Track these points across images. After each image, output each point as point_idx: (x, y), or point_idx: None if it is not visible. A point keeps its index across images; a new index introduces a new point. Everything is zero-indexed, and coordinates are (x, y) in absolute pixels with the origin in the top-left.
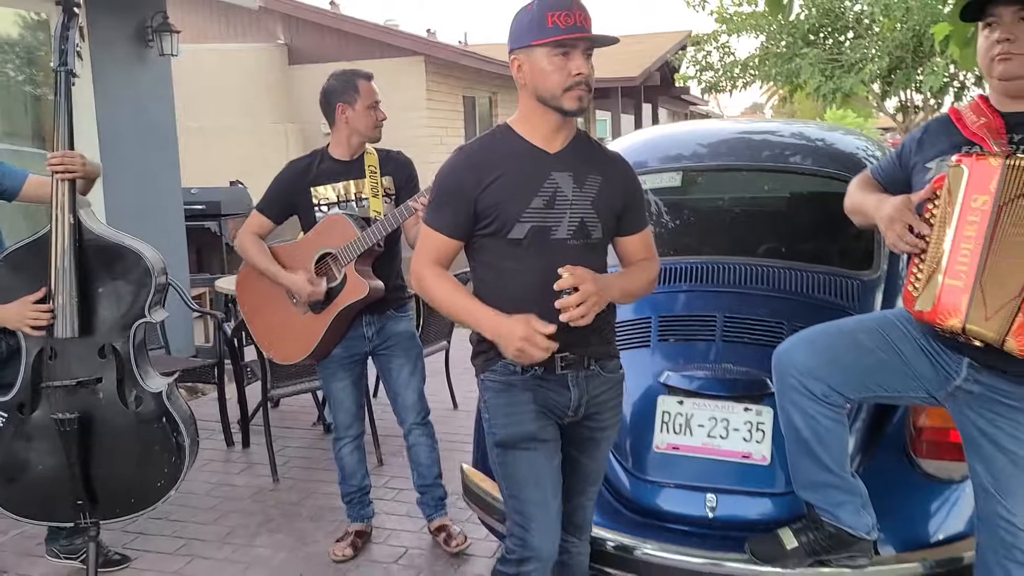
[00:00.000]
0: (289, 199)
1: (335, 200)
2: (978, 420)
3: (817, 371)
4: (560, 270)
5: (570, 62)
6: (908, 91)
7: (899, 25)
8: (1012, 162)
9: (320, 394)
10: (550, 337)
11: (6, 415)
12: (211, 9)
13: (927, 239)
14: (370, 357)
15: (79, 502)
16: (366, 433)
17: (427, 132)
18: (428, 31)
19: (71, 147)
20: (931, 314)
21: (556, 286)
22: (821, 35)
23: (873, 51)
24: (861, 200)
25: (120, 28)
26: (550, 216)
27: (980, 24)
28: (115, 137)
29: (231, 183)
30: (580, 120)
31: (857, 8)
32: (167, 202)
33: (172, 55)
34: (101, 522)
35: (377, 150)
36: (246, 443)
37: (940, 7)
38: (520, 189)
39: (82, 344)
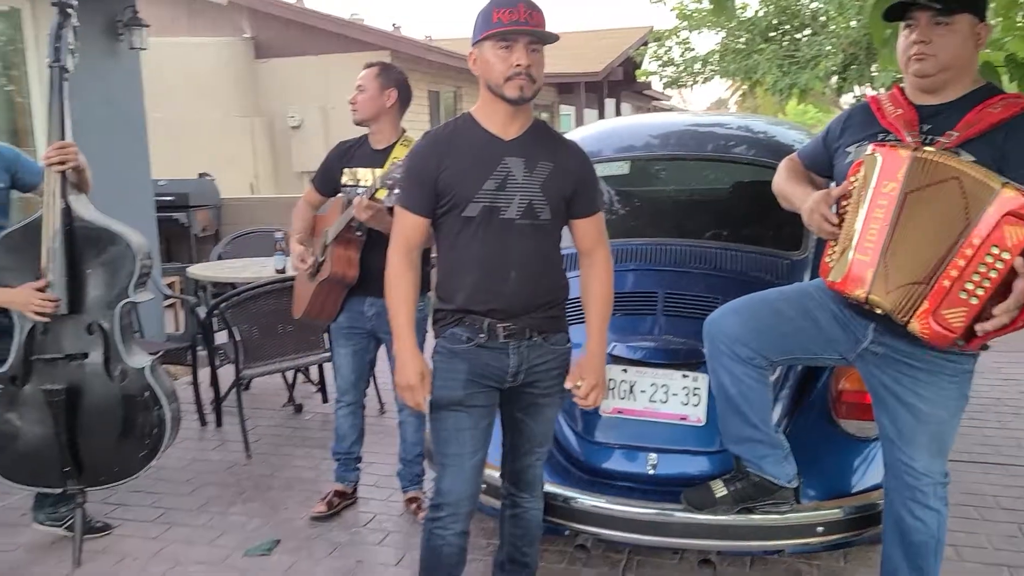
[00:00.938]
0: (331, 175)
1: (352, 184)
2: (883, 378)
3: (743, 337)
4: (567, 383)
5: (512, 54)
6: (862, 86)
7: (853, 23)
8: (919, 155)
9: (290, 376)
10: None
11: (0, 387)
12: (177, 3)
13: (840, 226)
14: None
15: (66, 469)
16: None
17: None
18: (394, 26)
19: (63, 139)
20: (841, 284)
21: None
22: (779, 32)
23: (828, 47)
24: (790, 190)
25: (91, 22)
26: (500, 197)
27: (902, 24)
28: (86, 129)
29: (199, 175)
30: (546, 115)
31: (813, 6)
32: (137, 193)
33: (141, 48)
34: (87, 489)
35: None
36: (219, 422)
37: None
38: (474, 172)
39: (71, 321)
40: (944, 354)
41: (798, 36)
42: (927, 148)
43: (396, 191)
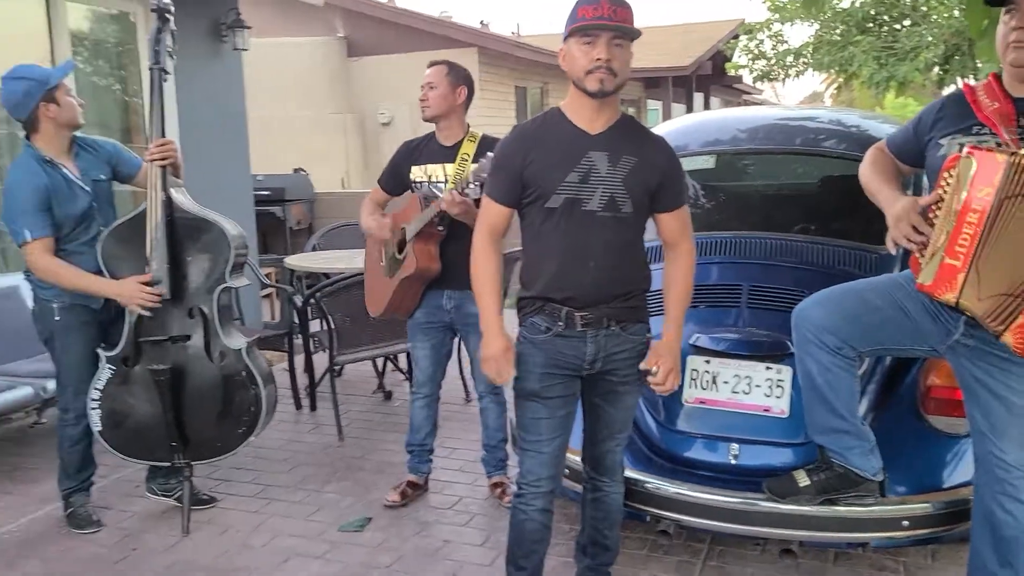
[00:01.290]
0: (399, 174)
1: (425, 180)
2: (974, 370)
3: (831, 326)
4: (642, 365)
5: (593, 49)
6: (966, 78)
7: (956, 12)
8: (1016, 160)
9: (380, 363)
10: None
11: (113, 368)
12: (272, 4)
13: (927, 235)
14: (453, 330)
15: (173, 444)
16: None
17: (480, 121)
18: (481, 23)
19: (163, 136)
20: (931, 287)
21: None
22: (876, 23)
23: (929, 38)
24: (875, 187)
25: (196, 25)
26: (583, 190)
27: (1002, 11)
28: (192, 126)
29: (294, 170)
30: (632, 110)
31: None
32: (238, 187)
33: (244, 49)
34: (192, 463)
35: (484, 137)
36: (313, 407)
37: None
38: (559, 164)
39: (174, 306)
40: None
41: (897, 27)
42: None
43: (475, 183)
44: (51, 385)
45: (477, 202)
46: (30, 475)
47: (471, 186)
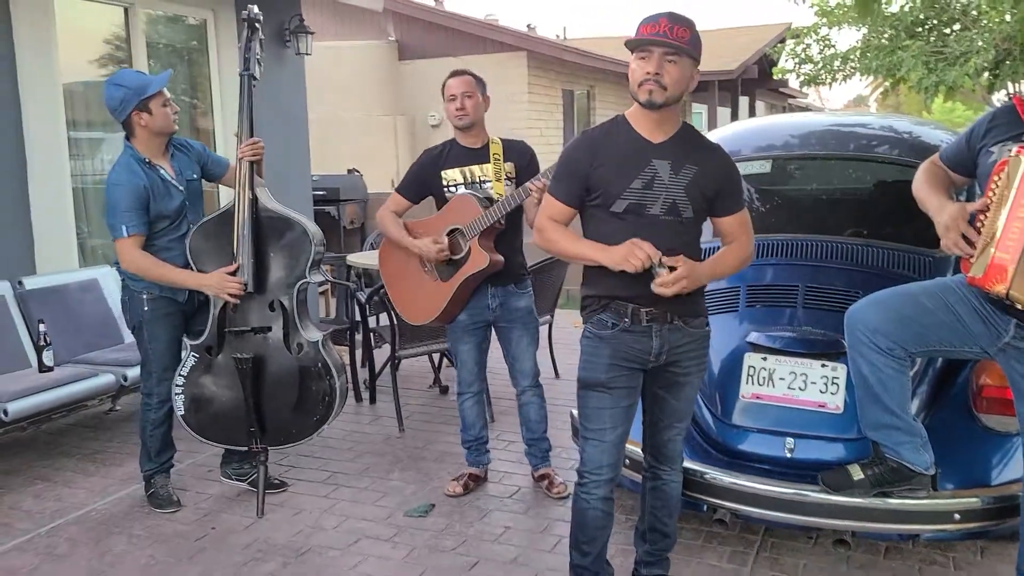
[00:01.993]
0: (424, 181)
1: (462, 182)
2: None
3: (883, 328)
4: (665, 260)
5: (646, 63)
6: (1016, 83)
7: (1008, 17)
8: None
9: (436, 358)
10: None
11: (197, 356)
12: (325, 8)
13: (975, 243)
14: (492, 327)
15: (252, 430)
16: None
17: (528, 124)
18: (528, 26)
19: (252, 136)
20: (982, 280)
21: (659, 260)
22: (926, 27)
23: (980, 43)
24: (925, 196)
25: (263, 29)
26: (647, 196)
27: None
28: (257, 128)
29: (348, 171)
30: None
31: (964, 0)
32: (299, 187)
33: (307, 54)
34: (269, 448)
35: (502, 140)
36: (372, 399)
37: None
38: (623, 171)
39: (257, 299)
40: None
41: (946, 31)
42: None
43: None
44: (131, 373)
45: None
46: (111, 458)
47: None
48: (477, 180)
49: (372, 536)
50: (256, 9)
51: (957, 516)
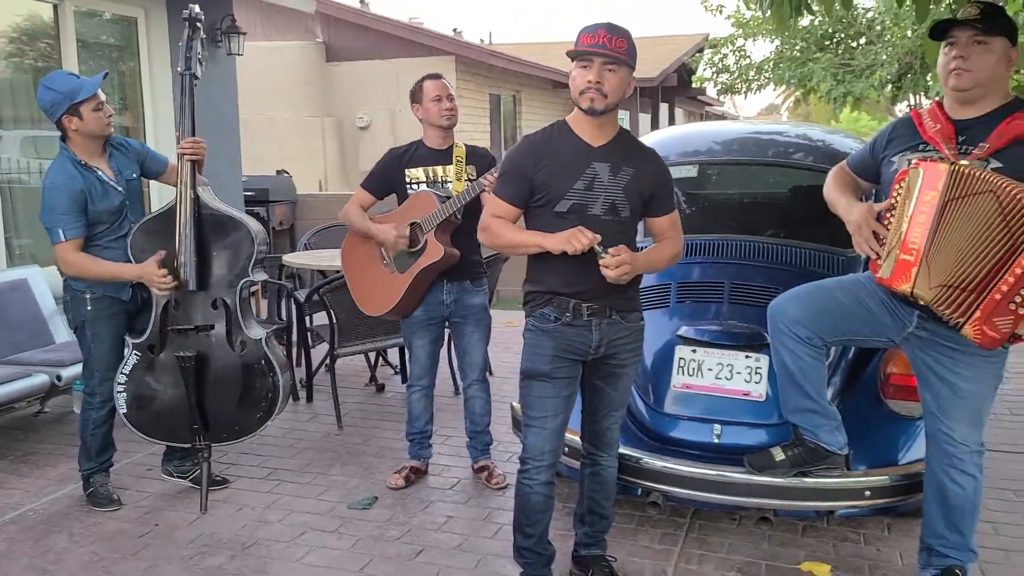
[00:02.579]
0: (388, 178)
1: (425, 180)
2: (926, 358)
3: (802, 319)
4: (611, 251)
5: (587, 72)
6: (917, 95)
7: (909, 32)
8: (956, 168)
9: (372, 357)
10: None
11: (139, 354)
12: (252, 8)
13: (883, 240)
14: (447, 322)
15: (195, 427)
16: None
17: (456, 127)
18: (455, 30)
19: (194, 135)
20: (889, 280)
21: (598, 243)
22: (835, 40)
23: (884, 57)
24: (835, 197)
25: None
26: (588, 196)
27: (942, 44)
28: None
29: (278, 172)
30: None
31: (869, 16)
32: (230, 188)
33: (238, 54)
34: (212, 445)
35: (466, 145)
36: (310, 398)
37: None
38: (566, 173)
39: (200, 297)
40: None
41: (853, 45)
42: (963, 162)
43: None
44: (65, 373)
45: None
46: (44, 459)
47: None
48: (439, 179)
49: (317, 528)
50: (197, 8)
51: (868, 493)
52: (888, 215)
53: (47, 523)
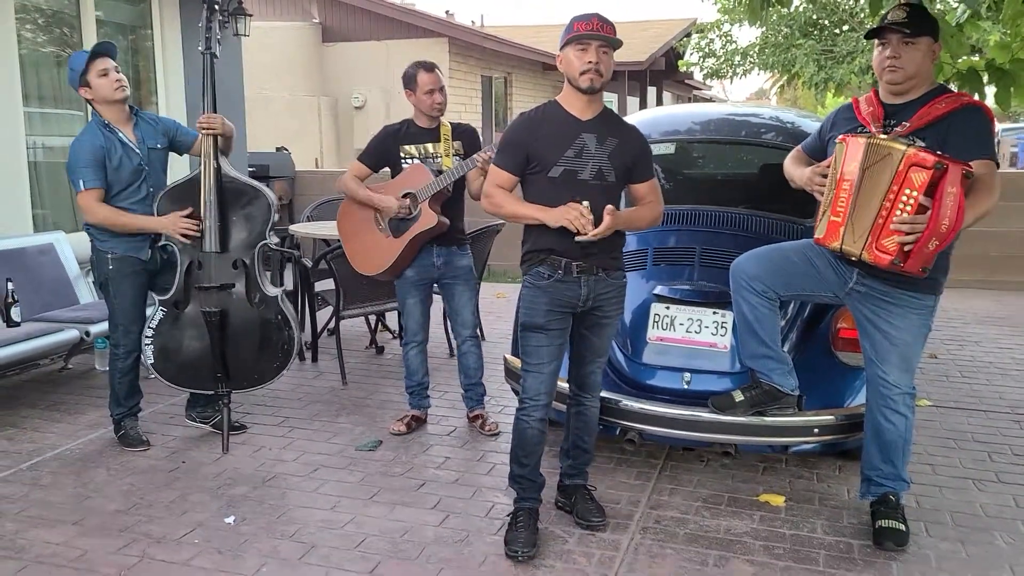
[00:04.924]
0: (383, 153)
1: (417, 156)
2: (865, 311)
3: (759, 275)
4: (585, 203)
5: (586, 54)
6: None
7: None
8: (871, 141)
9: (372, 320)
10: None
11: (165, 310)
12: None
13: (823, 189)
14: (436, 284)
15: (218, 375)
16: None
17: (448, 108)
18: (447, 12)
19: (215, 111)
20: (823, 239)
21: (584, 204)
22: (817, 27)
23: (864, 43)
24: (791, 170)
25: (201, 10)
26: (577, 163)
27: (876, 42)
28: (197, 107)
29: (277, 149)
30: None
31: (851, 3)
32: (236, 164)
33: (244, 35)
34: (232, 392)
35: (451, 123)
36: (315, 358)
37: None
38: (558, 142)
39: (221, 258)
40: (910, 292)
41: (836, 31)
42: (881, 136)
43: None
44: (93, 329)
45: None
46: (73, 408)
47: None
48: (431, 155)
49: (329, 466)
50: None
51: (816, 430)
52: (821, 184)
53: (84, 460)
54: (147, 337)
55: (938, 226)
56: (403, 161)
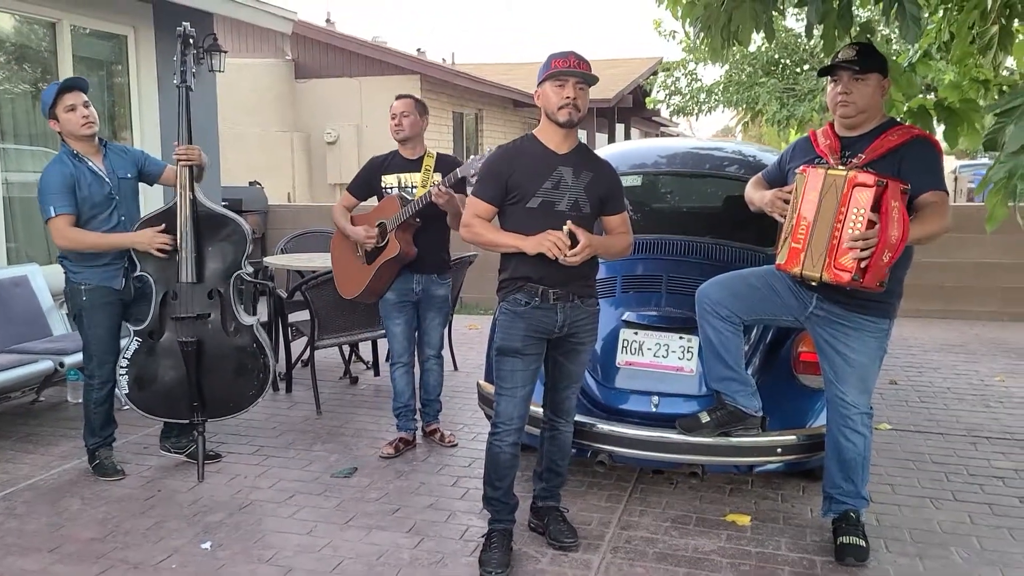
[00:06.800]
0: (368, 183)
1: (396, 185)
2: (824, 334)
3: (724, 301)
4: (566, 227)
5: (564, 90)
6: None
7: None
8: (830, 171)
9: (346, 351)
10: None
11: (140, 340)
12: (224, 25)
13: (784, 214)
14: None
15: (194, 404)
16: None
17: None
18: (418, 51)
19: (190, 142)
20: (784, 265)
21: (564, 229)
22: (779, 66)
23: (823, 82)
24: (752, 195)
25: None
26: (555, 194)
27: (828, 79)
28: (172, 138)
29: (250, 183)
30: None
31: (811, 44)
32: (209, 196)
33: (219, 71)
34: (208, 420)
35: (438, 154)
36: (289, 389)
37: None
38: (536, 175)
39: (197, 288)
40: (866, 316)
41: (797, 70)
42: (837, 167)
43: (452, 180)
44: (67, 360)
45: (455, 188)
46: (46, 439)
47: (452, 182)
48: (408, 185)
49: (305, 492)
50: (189, 26)
51: (780, 450)
52: (782, 212)
53: (59, 490)
54: (122, 367)
55: (888, 237)
56: (384, 191)
